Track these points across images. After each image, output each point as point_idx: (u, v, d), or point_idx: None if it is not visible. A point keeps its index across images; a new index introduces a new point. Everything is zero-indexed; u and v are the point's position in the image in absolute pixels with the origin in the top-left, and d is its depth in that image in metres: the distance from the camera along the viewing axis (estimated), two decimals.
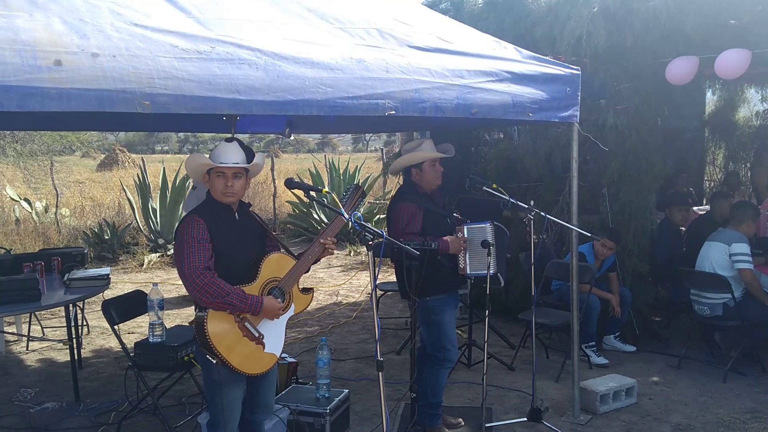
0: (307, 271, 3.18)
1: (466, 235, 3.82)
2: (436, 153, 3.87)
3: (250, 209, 3.19)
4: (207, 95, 2.58)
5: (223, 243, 2.93)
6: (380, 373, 2.90)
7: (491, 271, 3.79)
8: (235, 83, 2.65)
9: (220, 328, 2.84)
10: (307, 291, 3.19)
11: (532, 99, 3.73)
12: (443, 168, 3.93)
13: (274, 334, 3.02)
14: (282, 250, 3.16)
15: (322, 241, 3.06)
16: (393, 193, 4.21)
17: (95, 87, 2.33)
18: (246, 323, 2.91)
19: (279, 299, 2.98)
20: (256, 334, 2.94)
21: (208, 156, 3.00)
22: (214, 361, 2.85)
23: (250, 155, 3.00)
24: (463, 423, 4.24)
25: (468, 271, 3.84)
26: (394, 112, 3.10)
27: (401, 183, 4.12)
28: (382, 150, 18.85)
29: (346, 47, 3.15)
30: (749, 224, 5.19)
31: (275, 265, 3.03)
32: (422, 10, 4.10)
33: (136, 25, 2.58)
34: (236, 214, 3.05)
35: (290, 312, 3.08)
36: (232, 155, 2.94)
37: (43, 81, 2.24)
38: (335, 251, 3.27)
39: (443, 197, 4.18)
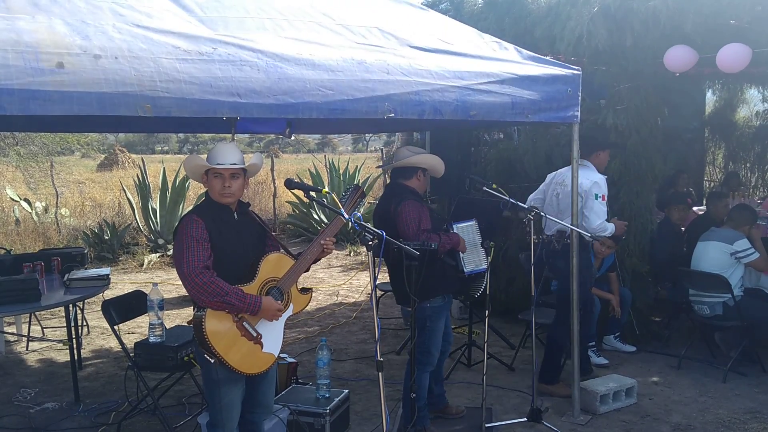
0: (307, 271, 3.19)
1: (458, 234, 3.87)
2: (441, 165, 3.97)
3: (250, 209, 3.19)
4: (208, 98, 2.59)
5: (222, 243, 2.93)
6: (380, 374, 2.90)
7: (483, 267, 3.87)
8: (236, 85, 2.65)
9: (218, 327, 2.84)
10: (306, 291, 3.19)
11: (532, 100, 3.73)
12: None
13: (273, 334, 3.02)
14: (281, 250, 3.16)
15: (322, 242, 3.06)
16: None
17: (97, 90, 2.34)
18: (244, 323, 2.91)
19: (278, 299, 2.98)
20: (254, 334, 2.94)
21: (205, 157, 3.00)
22: (212, 361, 2.85)
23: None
24: (464, 411, 4.30)
25: (465, 269, 3.87)
26: (393, 114, 3.10)
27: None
28: (381, 150, 18.83)
29: (347, 47, 3.15)
30: (745, 229, 5.20)
31: (274, 265, 3.03)
32: (423, 11, 4.10)
33: (138, 26, 2.58)
34: (235, 214, 3.06)
35: (289, 312, 3.09)
36: (229, 156, 2.95)
37: (45, 84, 2.25)
38: (335, 251, 3.27)
39: (447, 197, 4.20)
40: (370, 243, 2.87)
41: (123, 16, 2.61)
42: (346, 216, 3.00)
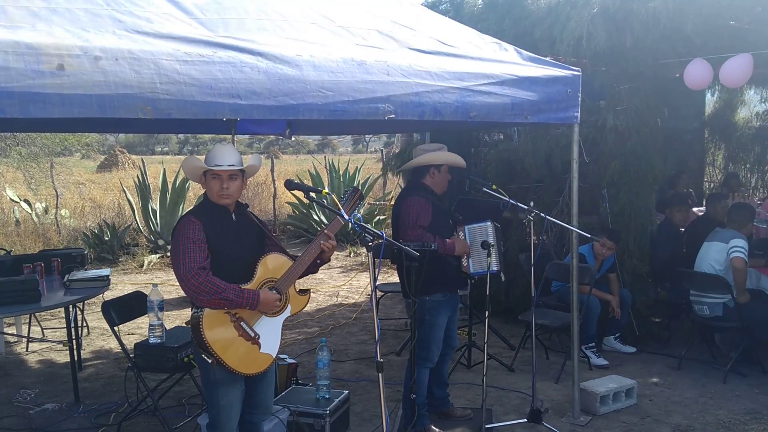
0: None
1: (467, 236, 3.87)
2: (458, 158, 3.99)
3: (248, 210, 3.19)
4: (208, 100, 2.59)
5: (220, 244, 2.93)
6: (380, 374, 2.90)
7: (494, 269, 3.85)
8: (236, 87, 2.65)
9: (215, 327, 2.85)
10: (304, 292, 3.18)
11: (531, 101, 3.73)
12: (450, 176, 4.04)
13: (270, 335, 3.02)
14: (280, 251, 3.16)
15: (321, 242, 3.06)
16: (394, 193, 4.24)
17: (97, 92, 2.34)
18: (242, 323, 2.91)
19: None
20: (252, 334, 2.94)
21: (203, 158, 3.00)
22: (210, 361, 2.85)
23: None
24: (471, 414, 4.29)
25: (471, 271, 3.87)
26: (393, 116, 3.11)
27: (402, 184, 4.14)
28: (381, 151, 18.85)
29: (347, 49, 3.15)
30: (748, 226, 5.21)
31: (272, 265, 3.04)
32: (423, 12, 4.10)
33: (138, 32, 2.58)
34: (233, 215, 3.06)
35: (287, 313, 3.08)
36: (227, 157, 2.95)
37: (45, 86, 2.24)
38: (335, 252, 3.26)
39: (445, 201, 4.20)
40: (370, 244, 2.87)
41: (123, 22, 2.60)
42: (346, 217, 3.00)
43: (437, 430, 4.05)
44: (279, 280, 3.02)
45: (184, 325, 5.36)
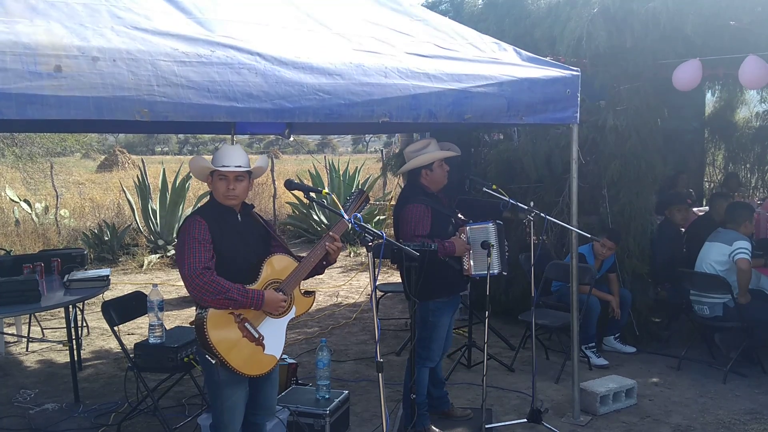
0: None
1: (468, 236, 3.84)
2: (445, 152, 3.89)
3: (254, 211, 3.19)
4: (205, 102, 2.58)
5: (225, 244, 2.93)
6: (380, 374, 2.90)
7: (494, 271, 3.83)
8: (233, 90, 2.64)
9: (220, 328, 2.84)
10: (309, 294, 3.19)
11: (529, 101, 3.71)
12: (448, 167, 3.95)
13: (275, 336, 3.01)
14: (285, 252, 3.16)
15: (327, 244, 3.05)
16: (394, 193, 4.22)
17: (95, 94, 2.33)
18: (246, 324, 2.91)
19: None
20: (256, 335, 2.94)
21: (210, 158, 3.00)
22: (214, 362, 2.85)
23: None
24: (471, 414, 4.29)
25: (473, 272, 3.86)
26: (387, 119, 3.10)
27: (402, 184, 4.12)
28: (381, 151, 18.84)
29: (345, 51, 3.15)
30: (746, 225, 5.20)
31: (277, 266, 3.03)
32: (422, 12, 4.09)
33: (136, 28, 2.58)
34: (239, 216, 3.06)
35: (291, 314, 3.08)
36: (234, 158, 2.95)
37: (42, 88, 2.24)
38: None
39: (447, 197, 4.17)
40: (370, 244, 2.87)
41: (121, 18, 2.60)
42: (346, 217, 3.00)
43: (437, 430, 4.05)
44: (284, 281, 3.02)
45: (187, 325, 5.36)
